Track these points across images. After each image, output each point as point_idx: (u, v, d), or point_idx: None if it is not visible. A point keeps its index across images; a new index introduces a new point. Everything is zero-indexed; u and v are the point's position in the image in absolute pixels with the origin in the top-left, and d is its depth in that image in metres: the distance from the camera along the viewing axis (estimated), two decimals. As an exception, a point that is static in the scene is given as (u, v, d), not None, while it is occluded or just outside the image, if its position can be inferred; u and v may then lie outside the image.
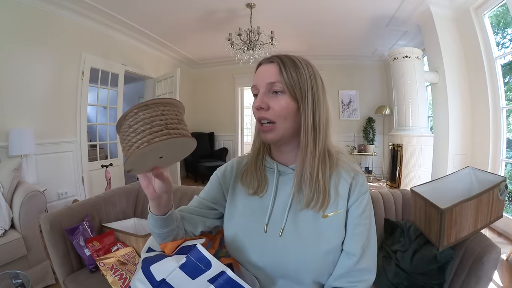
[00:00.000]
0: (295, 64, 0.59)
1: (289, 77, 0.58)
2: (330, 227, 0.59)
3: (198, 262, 0.50)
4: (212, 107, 5.90)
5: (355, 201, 0.61)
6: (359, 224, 0.60)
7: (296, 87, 0.58)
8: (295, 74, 0.58)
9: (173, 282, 0.51)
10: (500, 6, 2.62)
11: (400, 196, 1.28)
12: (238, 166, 0.72)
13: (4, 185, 1.72)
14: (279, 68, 0.58)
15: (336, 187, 0.61)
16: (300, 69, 0.59)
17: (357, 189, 0.61)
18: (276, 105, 0.58)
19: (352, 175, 0.62)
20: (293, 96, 0.58)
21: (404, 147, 3.35)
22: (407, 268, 1.00)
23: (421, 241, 1.03)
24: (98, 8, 3.04)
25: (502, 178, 0.98)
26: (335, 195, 0.60)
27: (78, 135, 3.17)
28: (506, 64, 2.71)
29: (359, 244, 0.59)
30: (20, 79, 2.53)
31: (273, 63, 0.60)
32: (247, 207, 0.66)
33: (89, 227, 1.23)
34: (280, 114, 0.58)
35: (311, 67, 0.61)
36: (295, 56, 0.61)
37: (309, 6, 3.19)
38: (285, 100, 0.58)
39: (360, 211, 0.61)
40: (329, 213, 0.60)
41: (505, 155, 2.70)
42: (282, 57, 0.60)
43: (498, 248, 0.84)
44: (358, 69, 5.19)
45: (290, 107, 0.58)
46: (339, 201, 0.60)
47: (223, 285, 0.49)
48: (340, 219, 0.60)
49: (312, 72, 0.60)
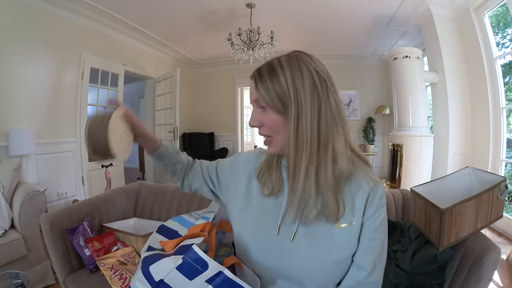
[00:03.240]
0: (271, 70, 0.54)
1: (265, 91, 0.53)
2: (342, 238, 0.57)
3: (195, 263, 0.50)
4: (212, 107, 5.90)
5: (372, 215, 0.57)
6: (374, 239, 0.57)
7: (275, 99, 0.53)
8: (271, 85, 0.53)
9: (171, 282, 0.51)
10: (500, 6, 2.62)
11: (400, 196, 1.28)
12: (257, 160, 0.70)
13: (4, 185, 1.72)
14: (255, 83, 0.56)
15: (352, 197, 0.57)
16: (277, 75, 0.52)
17: (375, 202, 0.57)
18: (266, 120, 0.56)
19: (370, 186, 0.57)
20: (275, 109, 0.54)
21: (404, 147, 3.35)
22: (407, 268, 1.00)
23: (421, 241, 1.03)
24: (98, 8, 3.04)
25: (502, 178, 0.98)
26: (351, 206, 0.57)
27: (78, 135, 3.16)
28: (506, 64, 2.71)
29: (371, 259, 0.57)
30: (20, 79, 2.53)
31: (252, 79, 0.57)
32: (262, 204, 0.64)
33: (89, 227, 1.23)
34: (271, 128, 0.56)
35: (296, 63, 0.53)
36: (277, 59, 0.55)
37: (309, 7, 3.19)
38: (270, 114, 0.55)
39: (376, 225, 0.57)
40: (343, 224, 0.56)
41: (505, 155, 2.70)
42: (261, 68, 0.56)
43: (498, 248, 0.84)
44: (358, 69, 5.19)
45: (277, 120, 0.54)
46: (354, 213, 0.56)
47: (221, 284, 0.50)
48: (354, 231, 0.57)
49: (297, 70, 0.52)
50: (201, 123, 5.87)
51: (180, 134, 4.79)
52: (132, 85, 5.52)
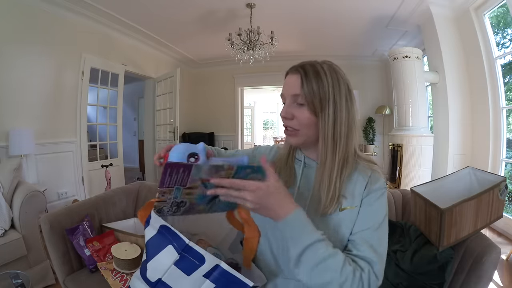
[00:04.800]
0: (317, 74, 0.60)
1: (310, 90, 0.60)
2: (346, 221, 0.61)
3: (192, 257, 0.51)
4: (212, 107, 5.89)
5: (367, 195, 0.62)
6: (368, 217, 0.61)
7: (315, 100, 0.60)
8: (316, 85, 0.59)
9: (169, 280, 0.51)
10: (500, 7, 2.62)
11: (400, 196, 1.28)
12: (275, 155, 0.78)
13: (4, 185, 1.72)
14: (301, 80, 0.61)
15: (355, 183, 0.63)
16: (322, 79, 0.60)
17: (372, 185, 0.63)
18: (300, 116, 0.62)
19: (369, 174, 0.64)
20: (312, 109, 0.61)
21: (404, 147, 3.35)
22: (407, 268, 1.00)
23: (421, 241, 1.03)
24: (98, 8, 3.03)
25: (502, 178, 0.98)
26: (352, 190, 0.63)
27: (78, 135, 3.17)
28: (506, 64, 2.71)
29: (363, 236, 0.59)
30: (20, 79, 2.53)
31: (297, 74, 0.62)
32: None
33: (89, 227, 1.23)
34: (303, 123, 0.62)
35: (335, 74, 0.61)
36: (319, 64, 0.62)
37: (309, 6, 3.19)
38: (307, 112, 0.61)
39: (370, 202, 0.62)
40: (347, 206, 0.62)
41: (505, 155, 2.70)
42: (306, 67, 0.62)
43: (498, 248, 0.84)
44: (358, 69, 5.18)
45: (312, 118, 0.61)
46: (355, 197, 0.62)
47: (219, 278, 0.50)
48: (355, 214, 0.62)
49: (336, 80, 0.61)
50: (201, 123, 5.87)
51: (180, 134, 4.78)
52: (132, 85, 5.52)
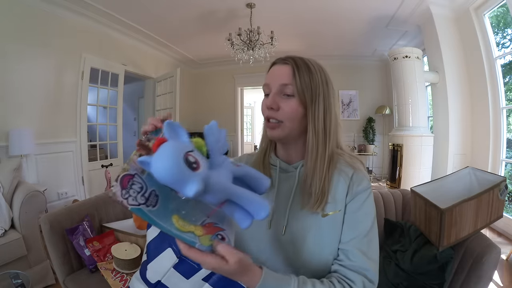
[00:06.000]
0: (308, 68, 0.59)
1: (302, 82, 0.58)
2: (330, 226, 0.59)
3: (191, 261, 0.50)
4: (212, 107, 5.89)
5: (351, 199, 0.60)
6: (355, 221, 0.60)
7: (307, 92, 0.59)
8: (308, 78, 0.58)
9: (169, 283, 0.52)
10: (500, 7, 2.62)
11: (400, 196, 1.28)
12: (247, 162, 0.72)
13: (4, 185, 1.72)
14: (293, 71, 0.59)
15: (336, 185, 0.61)
16: (313, 74, 0.59)
17: (355, 187, 0.60)
18: (286, 107, 0.59)
19: (351, 173, 0.61)
20: (302, 100, 0.59)
21: (404, 147, 3.35)
22: (407, 268, 1.00)
23: (421, 241, 1.03)
24: (98, 8, 3.03)
25: (502, 178, 0.98)
26: (334, 193, 0.60)
27: (78, 135, 3.16)
28: (506, 64, 2.71)
29: (353, 243, 0.58)
30: (20, 79, 2.53)
31: (287, 65, 0.60)
32: None
33: (89, 227, 1.23)
34: (288, 115, 0.59)
35: (323, 73, 0.61)
36: (309, 60, 0.61)
37: (309, 6, 3.19)
38: (295, 103, 0.59)
39: (356, 207, 0.60)
40: (329, 212, 0.60)
41: (505, 155, 2.70)
42: (296, 60, 0.60)
43: (498, 248, 0.84)
44: (358, 69, 5.18)
45: (299, 110, 0.59)
46: (337, 200, 0.60)
47: (217, 282, 0.50)
48: (339, 218, 0.60)
49: (324, 78, 0.61)
50: (201, 123, 5.83)
51: (180, 134, 4.78)
52: (132, 85, 5.51)
